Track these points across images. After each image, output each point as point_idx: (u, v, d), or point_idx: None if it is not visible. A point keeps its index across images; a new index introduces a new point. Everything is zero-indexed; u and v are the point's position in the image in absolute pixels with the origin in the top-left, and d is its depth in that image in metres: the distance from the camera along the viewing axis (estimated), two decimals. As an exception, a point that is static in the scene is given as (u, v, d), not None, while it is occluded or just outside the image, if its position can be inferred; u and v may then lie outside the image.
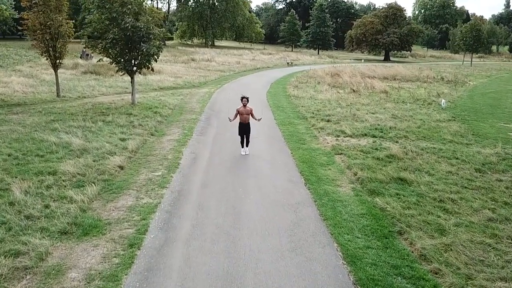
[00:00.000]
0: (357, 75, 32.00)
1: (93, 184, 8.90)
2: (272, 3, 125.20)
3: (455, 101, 23.13)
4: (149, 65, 18.41)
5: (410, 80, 32.89)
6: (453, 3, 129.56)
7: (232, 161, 11.09)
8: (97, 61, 19.54)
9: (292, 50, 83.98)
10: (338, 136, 14.24)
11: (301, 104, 20.55)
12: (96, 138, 12.52)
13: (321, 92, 24.62)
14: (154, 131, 14.25)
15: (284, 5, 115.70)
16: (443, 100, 20.65)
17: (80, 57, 38.50)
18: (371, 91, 25.53)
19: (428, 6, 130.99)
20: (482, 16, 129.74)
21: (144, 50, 17.21)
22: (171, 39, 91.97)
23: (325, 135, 14.40)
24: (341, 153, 12.10)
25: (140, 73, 19.15)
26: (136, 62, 18.24)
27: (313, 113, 18.23)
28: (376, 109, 19.66)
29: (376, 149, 12.65)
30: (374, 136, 14.30)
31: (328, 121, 16.60)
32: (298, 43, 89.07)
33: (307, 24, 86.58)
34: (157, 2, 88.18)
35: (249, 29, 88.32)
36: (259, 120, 11.86)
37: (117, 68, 18.44)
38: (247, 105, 11.43)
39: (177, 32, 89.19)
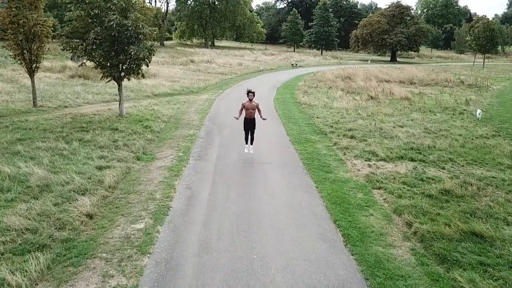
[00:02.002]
0: (371, 79, 29.27)
1: (44, 248, 6.21)
2: (273, 2, 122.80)
3: (487, 109, 20.42)
4: (139, 71, 15.71)
5: (429, 84, 30.17)
6: (456, 2, 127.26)
7: (241, 202, 8.37)
8: (79, 65, 16.82)
9: (294, 51, 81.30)
10: (369, 159, 11.54)
11: (315, 114, 17.84)
12: (66, 167, 9.80)
13: (336, 99, 21.89)
14: (142, 153, 11.53)
15: (285, 4, 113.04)
16: (478, 110, 17.95)
17: (71, 59, 35.79)
18: (390, 97, 22.82)
19: (431, 6, 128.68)
20: (485, 16, 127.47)
21: (133, 53, 14.48)
22: (170, 39, 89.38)
23: (353, 158, 11.69)
24: (380, 187, 9.41)
25: (128, 79, 16.45)
26: (124, 67, 15.55)
27: (331, 126, 15.53)
28: (403, 120, 16.96)
29: (422, 179, 9.97)
30: (412, 160, 11.61)
31: (351, 137, 13.90)
32: (300, 43, 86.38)
33: (309, 24, 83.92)
34: (155, 1, 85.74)
35: (250, 29, 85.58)
36: (264, 119, 11.50)
37: (101, 74, 15.77)
38: (253, 99, 11.09)
39: (176, 32, 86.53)
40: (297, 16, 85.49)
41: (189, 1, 78.75)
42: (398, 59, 74.06)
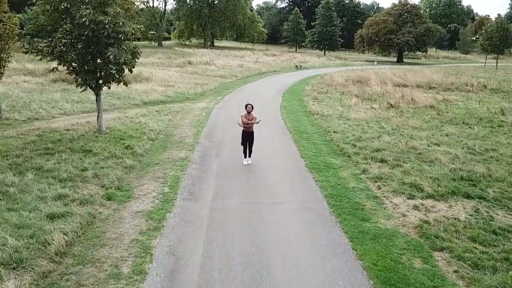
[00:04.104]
0: (386, 83, 26.54)
1: None
2: (274, 1, 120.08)
3: (527, 120, 17.69)
4: (121, 78, 13.01)
5: (449, 89, 27.39)
6: (460, 2, 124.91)
7: (247, 285, 5.64)
8: (50, 71, 14.06)
9: (296, 51, 78.55)
10: (413, 196, 8.83)
11: (331, 128, 15.11)
12: (4, 216, 7.07)
13: (351, 108, 19.16)
14: (116, 188, 8.80)
15: (287, 3, 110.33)
16: (524, 123, 15.26)
17: (58, 61, 33.02)
18: (413, 106, 20.08)
19: (433, 5, 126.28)
20: (488, 16, 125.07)
21: (111, 56, 11.75)
22: (169, 39, 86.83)
23: (391, 194, 8.97)
24: (442, 248, 6.69)
25: (109, 87, 13.73)
26: (102, 74, 12.85)
27: (354, 144, 12.80)
28: (437, 136, 14.24)
29: (494, 232, 7.29)
30: (468, 196, 8.90)
31: (382, 161, 11.17)
32: (302, 43, 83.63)
33: (312, 23, 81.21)
34: (153, 1, 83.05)
35: (250, 29, 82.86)
36: (257, 122, 10.78)
37: (76, 82, 13.07)
38: (252, 112, 10.67)
39: (175, 31, 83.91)
40: (299, 16, 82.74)
41: (188, 0, 76.09)
42: (404, 59, 71.31)
